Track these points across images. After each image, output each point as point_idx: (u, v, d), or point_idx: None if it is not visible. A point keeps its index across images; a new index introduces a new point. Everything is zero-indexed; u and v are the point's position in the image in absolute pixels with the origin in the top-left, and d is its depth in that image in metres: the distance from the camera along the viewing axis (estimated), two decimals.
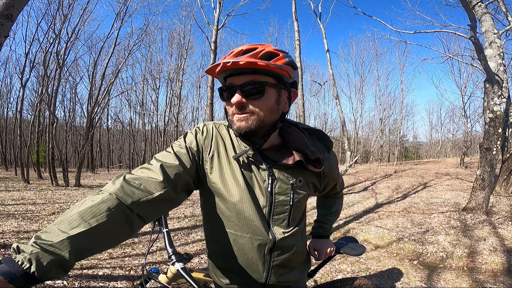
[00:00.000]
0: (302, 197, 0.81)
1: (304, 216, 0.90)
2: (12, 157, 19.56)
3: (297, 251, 0.86)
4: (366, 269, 2.77)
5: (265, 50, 0.69)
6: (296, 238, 0.84)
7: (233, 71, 0.70)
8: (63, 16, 9.47)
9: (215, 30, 8.22)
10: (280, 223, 0.79)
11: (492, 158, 4.17)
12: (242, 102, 0.69)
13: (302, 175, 0.81)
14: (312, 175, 0.83)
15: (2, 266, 0.46)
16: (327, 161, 0.84)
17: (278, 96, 0.73)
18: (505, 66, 4.43)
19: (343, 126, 9.01)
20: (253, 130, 0.70)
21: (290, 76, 0.72)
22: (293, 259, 0.86)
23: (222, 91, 0.74)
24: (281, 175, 0.77)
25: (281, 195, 0.77)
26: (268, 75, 0.70)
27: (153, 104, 21.72)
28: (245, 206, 0.75)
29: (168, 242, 0.99)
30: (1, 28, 2.16)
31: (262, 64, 0.66)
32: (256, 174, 0.77)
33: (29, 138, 12.19)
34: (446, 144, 28.77)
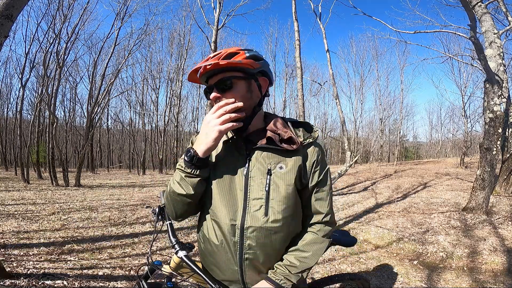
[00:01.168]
0: (283, 186, 0.80)
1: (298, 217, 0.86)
2: (12, 157, 19.56)
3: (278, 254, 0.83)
4: (366, 269, 2.77)
5: (227, 51, 0.81)
6: (277, 235, 0.80)
7: (208, 74, 0.82)
8: (63, 16, 9.48)
9: (215, 30, 8.22)
10: (256, 209, 0.80)
11: (492, 158, 4.16)
12: (217, 96, 0.82)
13: (285, 162, 0.82)
14: (295, 161, 0.83)
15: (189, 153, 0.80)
16: (312, 149, 0.87)
17: (248, 85, 0.83)
18: (505, 66, 4.43)
19: (343, 126, 9.01)
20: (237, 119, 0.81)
21: (253, 67, 0.82)
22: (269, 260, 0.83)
23: (206, 92, 0.87)
24: (260, 158, 0.83)
25: (256, 179, 0.81)
26: (234, 71, 0.81)
27: (153, 104, 21.76)
28: (225, 188, 0.84)
29: (171, 233, 1.04)
30: (1, 28, 2.15)
31: (223, 62, 0.78)
32: (238, 158, 0.85)
33: (29, 138, 12.19)
34: (446, 144, 28.78)
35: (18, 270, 2.37)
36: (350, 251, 3.23)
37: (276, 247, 0.83)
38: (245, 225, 0.80)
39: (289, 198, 0.81)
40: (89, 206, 5.56)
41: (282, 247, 0.84)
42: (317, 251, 0.85)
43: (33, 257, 2.76)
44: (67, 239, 3.44)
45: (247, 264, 0.82)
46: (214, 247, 0.85)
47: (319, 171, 0.86)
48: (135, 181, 12.78)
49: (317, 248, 0.85)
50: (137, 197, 6.98)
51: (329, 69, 9.47)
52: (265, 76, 0.87)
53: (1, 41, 2.19)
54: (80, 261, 2.74)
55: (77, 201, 6.14)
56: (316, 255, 0.84)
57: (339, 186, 8.86)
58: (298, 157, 0.84)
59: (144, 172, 18.84)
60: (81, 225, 4.14)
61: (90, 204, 5.85)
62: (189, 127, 25.15)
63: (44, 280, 2.21)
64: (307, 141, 0.86)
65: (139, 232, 3.90)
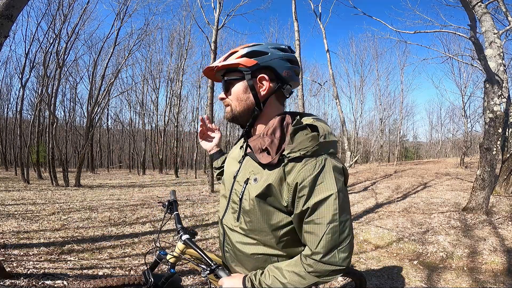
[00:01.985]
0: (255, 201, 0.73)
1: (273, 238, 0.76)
2: (12, 157, 19.57)
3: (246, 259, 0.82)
4: (366, 269, 2.77)
5: (231, 51, 0.81)
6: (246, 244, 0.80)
7: (221, 72, 0.85)
8: (63, 16, 9.48)
9: (215, 30, 8.22)
10: (233, 212, 0.84)
11: (492, 158, 4.16)
12: (222, 97, 0.85)
13: (261, 174, 0.74)
14: (272, 176, 0.71)
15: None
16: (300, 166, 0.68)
17: (244, 86, 0.79)
18: (505, 66, 4.43)
19: (343, 126, 9.02)
20: (232, 118, 0.83)
21: (246, 65, 0.77)
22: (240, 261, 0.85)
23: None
24: (246, 165, 0.82)
25: (238, 184, 0.82)
26: (233, 71, 0.81)
27: (153, 104, 21.75)
28: (224, 186, 0.92)
29: (177, 221, 1.19)
30: (1, 28, 2.15)
31: (219, 66, 0.80)
32: (237, 161, 0.89)
33: (29, 138, 12.19)
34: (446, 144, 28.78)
35: (18, 270, 2.37)
36: None
37: (243, 251, 0.81)
38: (223, 222, 0.89)
39: (255, 213, 0.75)
40: (89, 206, 5.56)
41: (249, 254, 0.80)
42: (294, 282, 0.71)
43: (33, 257, 2.76)
44: (67, 239, 3.44)
45: (227, 255, 0.91)
46: (218, 232, 0.98)
47: (306, 197, 0.67)
48: (135, 181, 12.79)
49: (297, 280, 0.71)
50: (137, 197, 6.98)
51: (329, 69, 9.48)
52: (264, 74, 0.77)
53: (1, 41, 2.19)
54: (80, 261, 2.74)
55: (77, 201, 6.14)
56: (292, 285, 0.71)
57: None
58: (273, 173, 0.71)
59: (144, 172, 18.84)
60: (81, 225, 4.14)
61: (90, 204, 5.85)
62: (189, 127, 25.15)
63: (44, 280, 2.21)
64: (295, 154, 0.69)
65: (139, 232, 3.90)
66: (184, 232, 1.09)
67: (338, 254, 0.69)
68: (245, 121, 0.82)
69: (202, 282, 2.39)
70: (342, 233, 0.68)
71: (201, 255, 0.96)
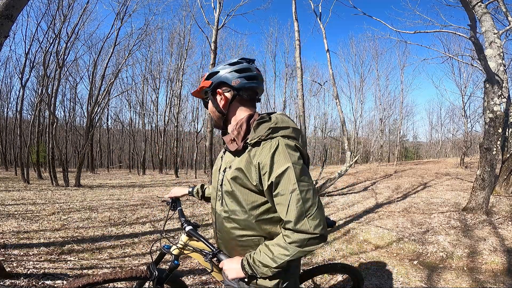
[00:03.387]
0: (229, 183, 0.90)
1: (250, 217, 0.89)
2: (12, 157, 19.57)
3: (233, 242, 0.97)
4: (366, 269, 2.77)
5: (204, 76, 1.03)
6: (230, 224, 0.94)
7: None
8: (63, 16, 9.47)
9: (215, 30, 8.21)
10: (218, 199, 0.99)
11: (492, 158, 4.16)
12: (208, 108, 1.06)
13: (234, 161, 0.92)
14: (241, 161, 0.87)
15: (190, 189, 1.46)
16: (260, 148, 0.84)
17: (213, 101, 1.00)
18: (505, 66, 4.43)
19: (343, 126, 9.01)
20: (215, 126, 1.07)
21: (206, 86, 1.00)
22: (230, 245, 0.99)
23: None
24: (225, 158, 1.00)
25: (220, 175, 0.98)
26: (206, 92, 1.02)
27: (153, 104, 21.75)
28: (213, 180, 1.07)
29: (181, 215, 1.32)
30: (1, 28, 2.15)
31: (195, 91, 1.05)
32: (221, 158, 1.07)
33: (29, 138, 12.19)
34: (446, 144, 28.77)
35: (18, 270, 2.37)
36: (350, 251, 3.23)
37: (230, 234, 0.96)
38: (214, 209, 1.03)
39: (233, 195, 0.91)
40: (89, 206, 5.56)
41: (234, 237, 0.95)
42: (281, 255, 0.81)
43: (33, 257, 2.76)
44: (67, 239, 3.44)
45: (219, 242, 1.05)
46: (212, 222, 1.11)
47: (268, 172, 0.80)
48: (135, 181, 12.79)
49: (282, 252, 0.81)
50: (137, 197, 6.98)
51: (329, 69, 9.48)
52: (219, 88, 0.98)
53: (1, 41, 2.19)
54: (80, 261, 2.74)
55: (77, 201, 6.14)
56: (279, 258, 0.82)
57: (339, 186, 8.87)
58: (242, 158, 0.88)
59: (144, 172, 18.84)
60: (81, 225, 4.14)
61: (90, 204, 5.85)
62: (189, 127, 25.16)
63: (44, 280, 2.21)
64: (255, 140, 0.85)
65: (139, 232, 3.90)
66: (188, 224, 1.19)
67: (308, 221, 0.78)
68: (220, 126, 1.03)
69: (202, 282, 2.39)
70: (306, 201, 0.78)
71: (204, 242, 1.08)
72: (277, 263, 0.82)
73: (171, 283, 1.25)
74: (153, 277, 1.16)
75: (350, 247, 3.38)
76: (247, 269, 0.88)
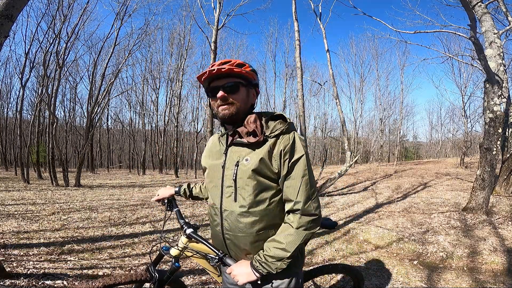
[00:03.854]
0: (248, 176, 0.91)
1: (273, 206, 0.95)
2: (12, 157, 19.57)
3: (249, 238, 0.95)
4: (366, 268, 2.77)
5: (237, 61, 0.98)
6: (246, 213, 0.93)
7: (214, 77, 0.97)
8: (63, 16, 9.47)
9: (215, 30, 8.22)
10: (228, 196, 0.97)
11: (492, 158, 4.16)
12: (224, 95, 0.96)
13: (252, 154, 0.93)
14: (261, 153, 0.92)
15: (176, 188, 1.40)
16: (282, 140, 0.92)
17: (247, 92, 1.01)
18: (505, 66, 4.43)
19: (343, 126, 9.01)
20: (233, 116, 0.97)
21: (254, 79, 1.02)
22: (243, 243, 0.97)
23: (209, 91, 1.01)
24: (232, 153, 0.98)
25: (228, 170, 0.97)
26: (239, 78, 0.98)
27: (153, 104, 21.75)
28: (210, 178, 1.06)
29: (179, 217, 1.25)
30: (1, 28, 2.15)
31: (237, 70, 0.95)
32: (221, 152, 1.03)
33: (29, 138, 12.19)
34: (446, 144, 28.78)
35: (18, 270, 2.37)
36: (350, 251, 3.23)
37: (246, 230, 0.95)
38: (222, 208, 0.99)
39: (253, 187, 0.92)
40: (89, 206, 5.56)
41: (252, 231, 0.95)
42: (292, 242, 0.89)
43: (33, 257, 2.76)
44: (67, 239, 3.44)
45: (228, 242, 1.01)
46: (212, 224, 1.07)
47: (288, 159, 0.91)
48: (135, 181, 12.79)
49: (292, 239, 0.90)
50: (137, 197, 6.98)
51: (329, 69, 9.47)
52: (257, 88, 1.06)
53: (1, 41, 2.19)
54: (80, 261, 2.74)
55: (77, 201, 6.14)
56: (291, 246, 0.89)
57: (339, 186, 8.87)
58: (263, 149, 0.92)
59: (144, 172, 18.84)
60: (81, 225, 4.14)
61: (90, 204, 5.85)
62: (189, 127, 25.16)
63: (44, 280, 2.21)
64: (275, 133, 0.93)
65: (139, 232, 3.90)
66: (188, 226, 1.15)
67: (312, 203, 0.92)
68: (240, 119, 0.99)
69: (202, 282, 2.39)
70: (312, 186, 0.93)
71: (208, 246, 1.03)
72: (290, 252, 0.89)
73: (172, 284, 1.24)
74: (154, 279, 1.14)
75: (350, 247, 3.38)
76: (261, 270, 0.90)
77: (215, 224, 1.04)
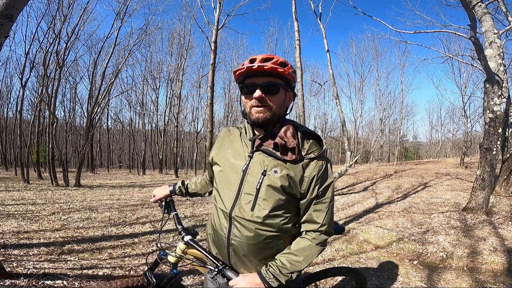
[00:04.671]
0: (274, 188, 0.88)
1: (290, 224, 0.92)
2: (12, 157, 19.56)
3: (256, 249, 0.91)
4: (366, 269, 2.77)
5: (280, 60, 0.89)
6: (260, 224, 0.88)
7: (252, 73, 0.89)
8: (63, 16, 9.47)
9: (215, 30, 8.22)
10: (246, 203, 0.90)
11: (492, 158, 4.16)
12: (262, 97, 0.88)
13: (281, 167, 0.89)
14: (292, 170, 0.89)
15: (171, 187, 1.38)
16: (314, 162, 0.91)
17: (285, 95, 0.94)
18: (505, 66, 4.43)
19: (343, 126, 9.01)
20: (268, 119, 0.90)
21: (295, 81, 0.95)
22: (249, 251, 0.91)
23: (244, 87, 0.92)
24: (258, 159, 0.92)
25: (251, 177, 0.91)
26: (280, 78, 0.90)
27: (153, 104, 21.73)
28: (224, 178, 0.96)
29: (177, 221, 1.19)
30: (1, 28, 2.15)
31: (281, 70, 0.86)
32: (243, 156, 0.95)
33: (29, 138, 12.18)
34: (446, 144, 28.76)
35: (18, 270, 2.37)
36: (350, 251, 3.23)
37: (259, 243, 0.90)
38: (233, 214, 0.91)
39: (276, 200, 0.88)
40: (89, 206, 5.56)
41: (265, 245, 0.91)
42: (309, 257, 0.91)
43: (33, 257, 2.76)
44: (67, 239, 3.44)
45: (232, 249, 0.94)
46: (215, 227, 0.99)
47: (319, 185, 0.91)
48: (135, 181, 12.78)
49: (309, 254, 0.91)
50: (137, 197, 6.98)
51: (329, 69, 9.48)
52: (294, 91, 1.00)
53: (1, 41, 2.19)
54: (80, 261, 2.74)
55: (77, 201, 6.14)
56: (307, 260, 0.91)
57: (339, 186, 8.86)
58: (296, 167, 0.89)
59: (144, 172, 18.83)
60: (81, 225, 4.14)
61: (90, 204, 5.85)
62: (189, 127, 25.13)
63: (44, 280, 2.21)
64: (310, 155, 0.91)
65: (139, 232, 3.90)
66: (186, 233, 1.10)
67: (332, 225, 0.96)
68: (275, 123, 0.94)
69: (202, 282, 2.39)
70: (333, 210, 0.97)
71: (207, 256, 0.98)
72: (305, 266, 0.90)
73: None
74: (152, 285, 1.09)
75: (350, 247, 3.38)
76: (272, 282, 0.88)
77: (220, 228, 0.96)
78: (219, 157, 1.02)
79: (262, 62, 0.87)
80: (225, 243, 0.95)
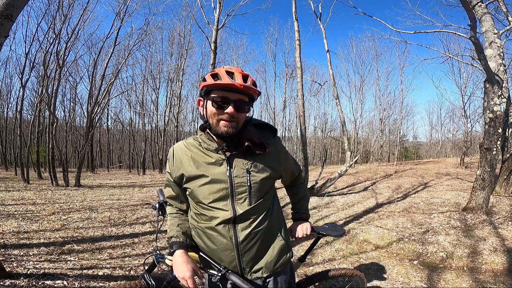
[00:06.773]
0: (261, 179, 1.01)
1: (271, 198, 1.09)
2: (12, 157, 19.55)
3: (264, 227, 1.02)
4: (366, 269, 2.77)
5: (251, 78, 0.97)
6: (258, 211, 1.01)
7: (227, 88, 0.93)
8: (63, 16, 9.47)
9: (215, 30, 8.21)
10: (242, 202, 0.99)
11: (492, 158, 4.16)
12: (234, 113, 0.94)
13: (258, 160, 1.03)
14: (267, 159, 1.05)
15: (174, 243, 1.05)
16: (274, 144, 1.10)
17: (248, 109, 1.02)
18: (505, 66, 4.43)
19: (343, 126, 9.00)
20: (234, 133, 0.97)
21: (257, 96, 1.02)
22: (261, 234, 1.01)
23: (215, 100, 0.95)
24: (238, 163, 1.01)
25: (238, 178, 0.99)
26: (247, 95, 0.97)
27: (153, 104, 21.74)
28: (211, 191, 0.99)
29: None
30: (1, 28, 2.15)
31: (254, 89, 0.95)
32: (219, 165, 1.00)
33: (29, 138, 12.18)
34: (446, 144, 28.74)
35: (18, 270, 2.37)
36: (350, 251, 3.23)
37: (261, 222, 1.02)
38: (237, 213, 0.98)
39: (264, 187, 1.03)
40: (89, 206, 5.56)
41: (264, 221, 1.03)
42: (306, 190, 1.40)
43: (33, 257, 2.76)
44: (67, 239, 3.44)
45: (243, 246, 0.99)
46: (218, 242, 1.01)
47: (285, 156, 1.18)
48: (135, 181, 12.78)
49: (305, 189, 1.40)
50: (137, 197, 6.98)
51: (329, 69, 9.47)
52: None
53: (1, 41, 2.19)
54: (80, 261, 2.74)
55: (77, 201, 6.14)
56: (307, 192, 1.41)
57: (339, 186, 8.86)
58: (268, 156, 1.06)
59: (144, 172, 18.83)
60: (81, 225, 4.14)
61: (90, 204, 5.85)
62: (189, 127, 25.15)
63: (44, 280, 2.21)
64: (270, 140, 1.09)
65: (139, 232, 3.90)
66: None
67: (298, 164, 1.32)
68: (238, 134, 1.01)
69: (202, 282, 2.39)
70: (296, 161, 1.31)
71: (208, 260, 1.00)
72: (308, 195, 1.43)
73: None
74: None
75: (350, 247, 3.38)
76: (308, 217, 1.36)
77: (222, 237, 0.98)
78: (192, 174, 1.01)
79: (242, 80, 0.94)
80: (231, 246, 0.99)
